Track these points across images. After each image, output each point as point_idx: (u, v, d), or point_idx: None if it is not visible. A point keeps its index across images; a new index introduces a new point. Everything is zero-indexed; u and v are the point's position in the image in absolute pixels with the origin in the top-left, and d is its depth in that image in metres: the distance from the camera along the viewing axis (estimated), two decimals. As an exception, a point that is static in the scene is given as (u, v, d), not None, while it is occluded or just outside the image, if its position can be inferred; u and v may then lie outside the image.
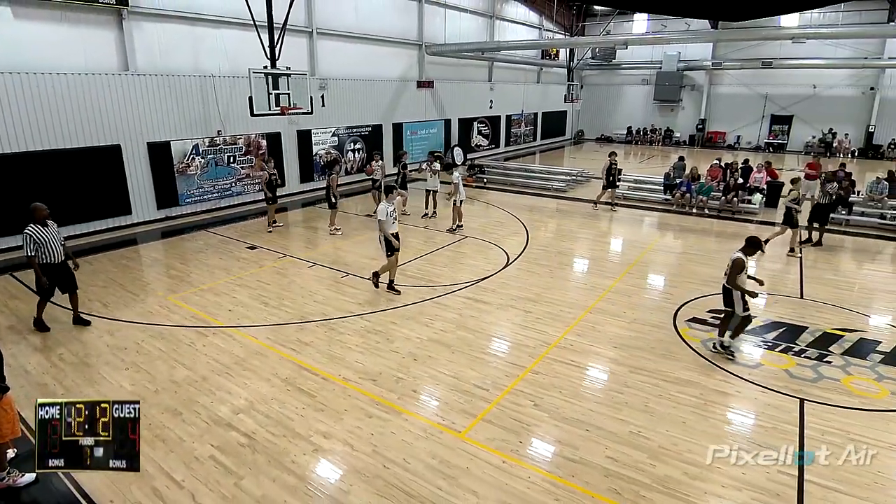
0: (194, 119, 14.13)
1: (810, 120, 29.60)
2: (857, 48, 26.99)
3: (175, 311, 8.50)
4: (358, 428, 5.60)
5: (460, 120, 25.33)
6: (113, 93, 12.39)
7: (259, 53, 12.95)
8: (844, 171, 15.78)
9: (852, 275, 10.68)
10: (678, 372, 6.79)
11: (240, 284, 9.66)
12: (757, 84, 30.69)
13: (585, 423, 5.71)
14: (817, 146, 28.54)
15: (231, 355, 7.10)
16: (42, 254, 7.30)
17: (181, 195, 14.14)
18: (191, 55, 13.99)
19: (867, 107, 28.24)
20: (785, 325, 8.13)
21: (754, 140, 31.56)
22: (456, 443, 5.38)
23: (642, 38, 27.79)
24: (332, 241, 12.48)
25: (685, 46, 31.36)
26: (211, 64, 14.37)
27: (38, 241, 7.22)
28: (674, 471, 5.02)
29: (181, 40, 13.72)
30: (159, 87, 13.24)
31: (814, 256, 11.72)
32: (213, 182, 14.84)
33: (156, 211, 13.76)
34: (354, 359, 7.05)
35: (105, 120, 12.34)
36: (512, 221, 14.40)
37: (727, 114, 32.23)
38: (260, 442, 5.36)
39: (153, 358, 7.00)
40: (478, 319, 8.30)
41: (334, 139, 18.46)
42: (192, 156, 14.19)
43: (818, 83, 28.90)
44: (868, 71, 27.49)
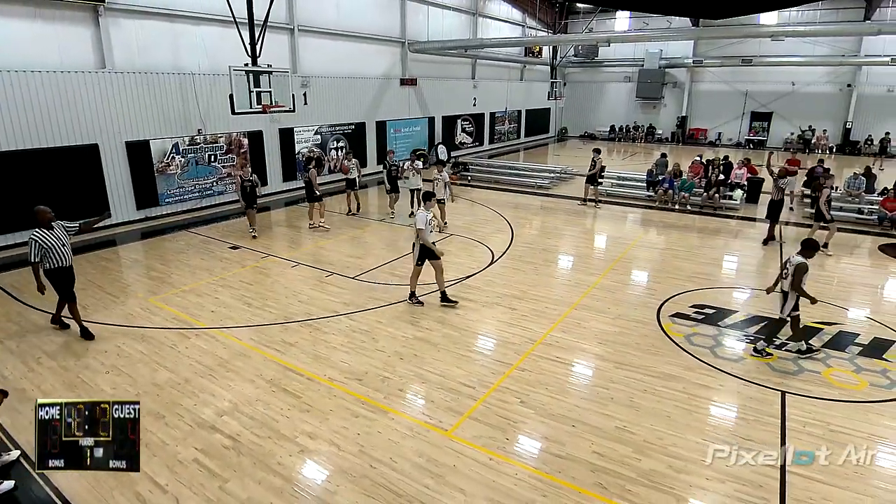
0: (174, 117, 13.94)
1: (789, 116, 30.10)
2: (834, 46, 27.49)
3: (156, 312, 8.39)
4: (344, 428, 5.58)
5: (444, 118, 25.33)
6: (90, 91, 12.18)
7: (240, 51, 12.82)
8: (823, 166, 16.09)
9: (831, 269, 10.88)
10: (662, 367, 6.87)
11: (222, 285, 9.56)
12: (737, 81, 31.13)
13: (571, 419, 5.76)
14: (796, 142, 29.03)
15: (214, 357, 7.03)
16: (48, 259, 7.08)
17: (161, 195, 13.95)
18: (170, 52, 13.79)
19: (844, 103, 28.80)
20: (766, 319, 8.26)
21: (735, 137, 32.01)
22: (443, 441, 5.39)
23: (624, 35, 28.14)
24: (315, 240, 12.41)
25: (667, 44, 31.68)
26: (190, 61, 14.19)
27: (44, 246, 7.00)
28: (659, 464, 5.08)
29: (160, 37, 13.52)
30: (137, 84, 13.04)
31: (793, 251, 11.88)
32: (194, 181, 14.67)
33: (135, 211, 13.56)
34: (340, 358, 7.02)
35: (82, 118, 12.13)
36: (496, 219, 14.44)
37: (708, 111, 32.65)
38: (245, 444, 5.32)
39: (134, 361, 6.90)
40: (463, 317, 8.32)
41: (317, 137, 18.35)
42: (172, 155, 14.01)
43: (797, 80, 29.42)
44: (845, 68, 28.02)
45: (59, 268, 7.17)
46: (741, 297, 9.25)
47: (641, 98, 34.40)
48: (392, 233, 13.10)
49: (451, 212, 13.96)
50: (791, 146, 28.45)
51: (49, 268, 7.13)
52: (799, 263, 6.98)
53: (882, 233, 13.32)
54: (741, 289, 9.61)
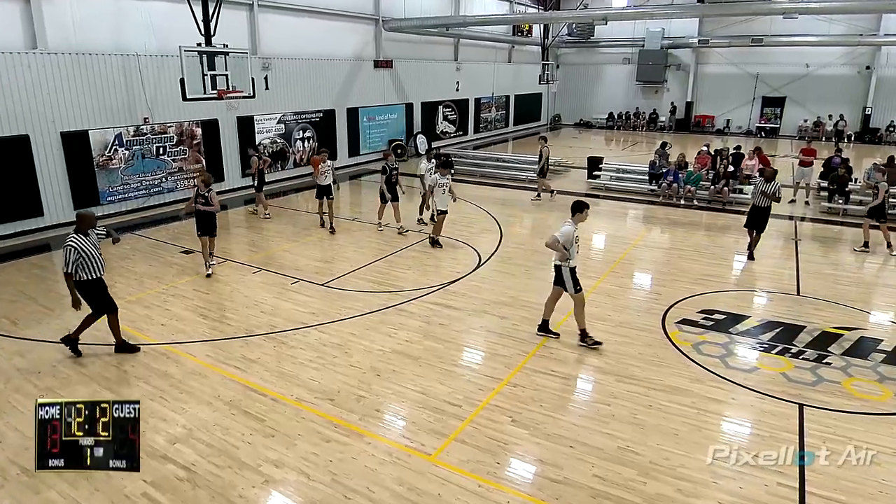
0: (117, 105, 13.76)
1: (804, 102, 30.66)
2: (851, 24, 28.07)
3: (97, 327, 8.22)
4: (314, 454, 5.54)
5: (423, 104, 25.36)
6: (18, 74, 11.96)
7: (192, 29, 12.67)
8: (841, 156, 16.41)
9: (851, 269, 11.11)
10: (669, 379, 6.94)
11: (173, 294, 9.45)
12: (747, 63, 31.62)
13: (569, 440, 5.78)
14: (811, 130, 29.57)
15: (165, 377, 6.94)
16: (83, 269, 6.95)
17: (102, 193, 13.75)
18: (111, 31, 13.61)
19: (863, 87, 29.42)
20: (781, 325, 8.40)
21: (745, 124, 32.50)
22: (426, 467, 5.38)
23: (622, 12, 28.34)
24: (280, 243, 12.33)
25: (669, 22, 32.06)
26: (135, 41, 14.01)
27: (83, 255, 6.89)
28: (667, 488, 5.13)
29: (99, 14, 13.34)
30: (74, 67, 12.84)
31: (810, 249, 12.14)
32: (141, 177, 14.48)
33: (72, 211, 13.30)
34: (309, 376, 6.97)
35: (9, 106, 11.90)
36: (483, 217, 14.48)
37: (715, 96, 33.11)
38: (201, 475, 5.25)
39: (72, 382, 6.78)
40: (447, 327, 8.32)
41: (280, 126, 18.24)
42: (115, 147, 13.82)
43: (811, 62, 29.97)
44: (863, 49, 28.64)
45: (97, 279, 7.12)
46: (754, 301, 9.39)
47: (642, 82, 34.78)
48: (364, 234, 13.07)
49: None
50: (806, 134, 28.99)
51: (85, 279, 7.01)
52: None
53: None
54: (754, 292, 9.76)
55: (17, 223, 12.43)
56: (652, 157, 18.27)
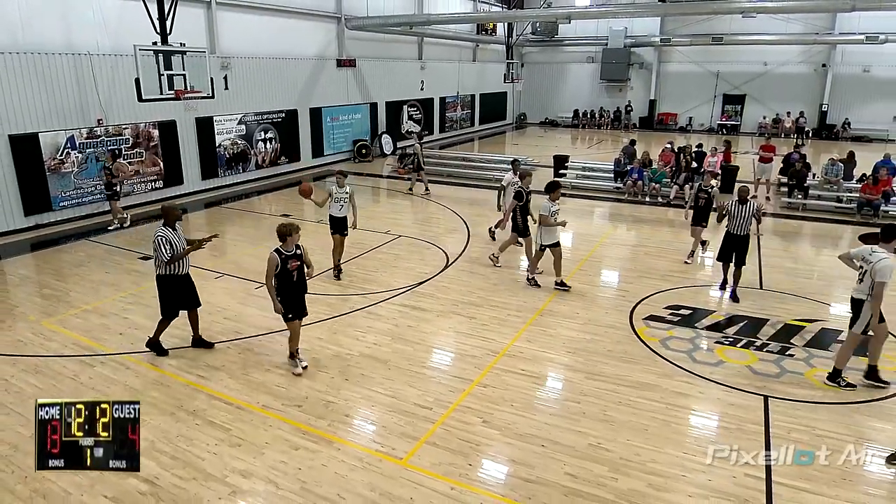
0: (68, 106, 13.37)
1: (763, 99, 31.55)
2: (807, 23, 28.99)
3: (52, 338, 8.01)
4: (283, 463, 5.48)
5: (388, 103, 25.29)
6: (-39, 75, 11.55)
7: (147, 27, 12.39)
8: (799, 153, 16.94)
9: (811, 262, 11.47)
10: (637, 375, 7.06)
11: (132, 302, 9.24)
12: (708, 61, 32.39)
13: (541, 439, 5.84)
14: (770, 127, 30.44)
15: (124, 387, 6.78)
16: (170, 263, 7.06)
17: (55, 198, 13.35)
18: (61, 29, 13.22)
19: (820, 85, 30.41)
20: (746, 319, 8.63)
21: (707, 121, 33.29)
22: (397, 471, 5.37)
23: (586, 11, 28.73)
24: (242, 247, 12.15)
25: (632, 21, 32.64)
26: (87, 39, 13.63)
27: (174, 245, 7.00)
28: (638, 483, 5.22)
29: (47, 10, 12.94)
30: (21, 66, 12.44)
31: (771, 244, 12.48)
32: (95, 181, 14.08)
33: (23, 218, 12.92)
34: (275, 382, 6.89)
35: (-48, 109, 11.49)
36: (450, 217, 14.50)
37: (678, 94, 33.83)
38: (165, 488, 5.14)
39: (26, 397, 6.56)
40: (416, 329, 8.32)
41: (241, 127, 17.97)
42: (67, 150, 13.42)
43: (770, 60, 30.89)
44: (819, 47, 29.62)
45: (178, 274, 7.23)
46: (719, 296, 9.61)
47: (606, 80, 35.30)
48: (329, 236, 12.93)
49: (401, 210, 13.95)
50: (766, 131, 29.81)
51: (167, 273, 7.12)
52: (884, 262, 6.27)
53: (862, 222, 14.10)
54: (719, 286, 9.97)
55: (-37, 231, 12.01)
56: (617, 155, 18.57)
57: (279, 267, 6.55)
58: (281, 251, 6.60)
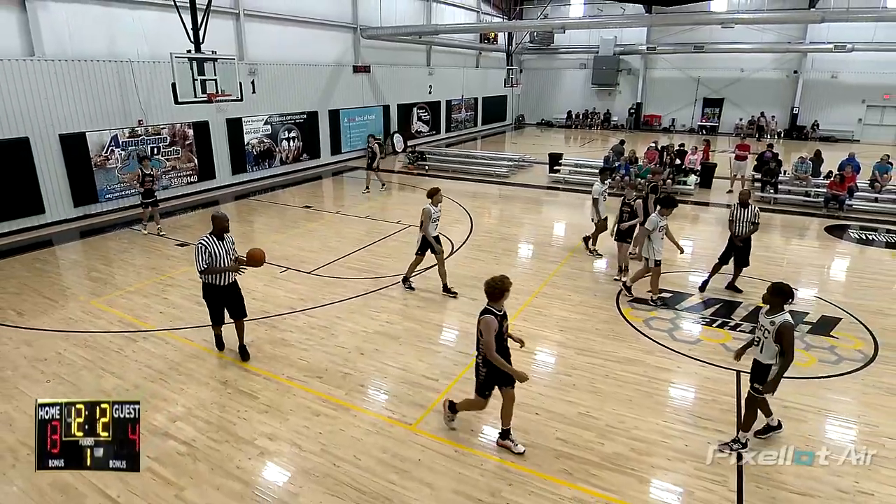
0: (112, 108, 13.35)
1: (740, 102, 31.23)
2: (781, 33, 28.61)
3: (100, 316, 8.08)
4: (305, 427, 5.53)
5: (399, 105, 25.15)
6: (17, 80, 11.53)
7: (182, 36, 12.35)
8: (772, 151, 16.78)
9: (781, 251, 11.39)
10: (623, 351, 7.07)
11: (170, 284, 9.28)
12: (689, 68, 32.06)
13: (535, 407, 5.87)
14: (746, 128, 30.16)
15: (164, 360, 6.83)
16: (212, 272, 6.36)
17: (101, 191, 13.38)
18: (105, 38, 13.18)
19: (791, 90, 30.07)
20: (721, 301, 8.62)
21: (688, 123, 33.01)
22: (407, 436, 5.41)
23: (579, 22, 28.44)
24: (269, 234, 12.17)
25: (621, 31, 32.29)
26: (129, 48, 13.60)
27: (213, 254, 6.29)
28: (622, 447, 5.25)
29: (94, 22, 12.90)
30: (71, 73, 12.42)
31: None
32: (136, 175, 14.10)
33: (73, 209, 12.97)
34: (298, 356, 6.94)
35: (9, 110, 11.48)
36: (455, 208, 14.48)
37: (662, 97, 33.53)
38: (201, 449, 5.21)
39: (77, 368, 6.64)
40: (424, 310, 8.34)
41: (267, 127, 17.94)
42: (111, 148, 13.44)
43: (746, 67, 30.53)
44: (791, 55, 29.23)
45: (219, 285, 6.48)
46: (697, 281, 9.58)
47: (597, 85, 34.98)
48: (345, 226, 12.97)
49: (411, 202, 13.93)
50: (741, 132, 29.53)
51: (207, 282, 6.44)
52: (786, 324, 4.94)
53: (828, 215, 14.00)
54: (697, 272, 9.95)
55: (20, 220, 12.03)
56: (606, 153, 18.43)
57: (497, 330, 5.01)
58: (493, 310, 5.11)
